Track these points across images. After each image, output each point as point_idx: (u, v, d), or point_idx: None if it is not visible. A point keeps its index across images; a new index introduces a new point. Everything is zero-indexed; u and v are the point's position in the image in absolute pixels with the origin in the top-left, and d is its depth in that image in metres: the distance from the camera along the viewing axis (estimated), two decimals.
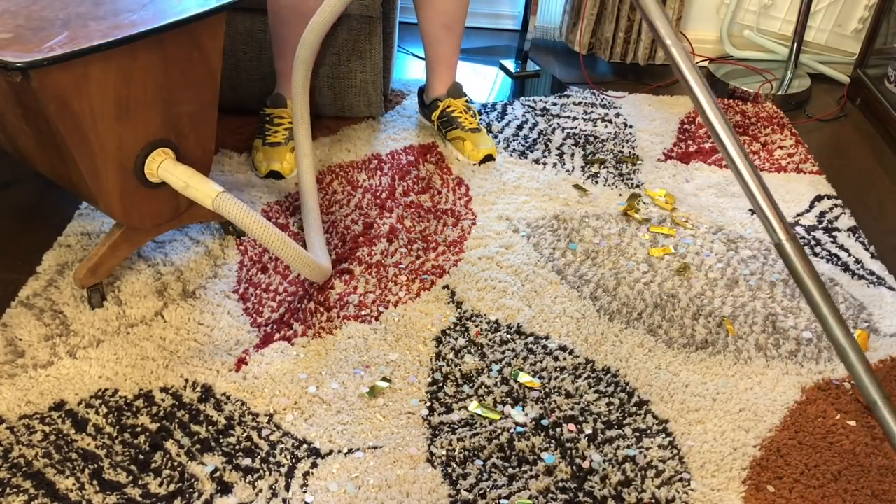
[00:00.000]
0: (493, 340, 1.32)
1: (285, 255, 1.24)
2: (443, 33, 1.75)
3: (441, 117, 1.82)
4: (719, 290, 1.46)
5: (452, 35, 1.76)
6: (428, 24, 1.75)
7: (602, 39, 2.26)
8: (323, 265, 1.33)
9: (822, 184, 1.81)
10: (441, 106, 1.82)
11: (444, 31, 1.75)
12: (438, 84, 1.84)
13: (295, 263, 1.27)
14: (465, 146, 1.78)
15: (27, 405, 1.15)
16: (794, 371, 1.30)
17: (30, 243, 1.46)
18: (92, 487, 1.04)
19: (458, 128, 1.80)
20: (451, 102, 1.81)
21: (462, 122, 1.80)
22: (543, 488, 1.09)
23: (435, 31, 1.75)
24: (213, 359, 1.25)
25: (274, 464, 1.09)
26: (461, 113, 1.81)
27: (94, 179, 1.18)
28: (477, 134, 1.79)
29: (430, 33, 1.76)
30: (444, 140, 1.84)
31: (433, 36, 1.76)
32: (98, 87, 1.09)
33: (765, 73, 2.24)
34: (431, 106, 1.85)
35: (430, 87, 1.86)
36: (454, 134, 1.80)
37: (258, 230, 1.20)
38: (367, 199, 1.64)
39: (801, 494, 1.10)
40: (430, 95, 1.86)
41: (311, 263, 1.29)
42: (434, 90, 1.85)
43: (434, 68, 1.82)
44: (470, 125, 1.80)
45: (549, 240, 1.56)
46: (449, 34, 1.76)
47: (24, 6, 1.13)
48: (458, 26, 1.76)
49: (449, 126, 1.81)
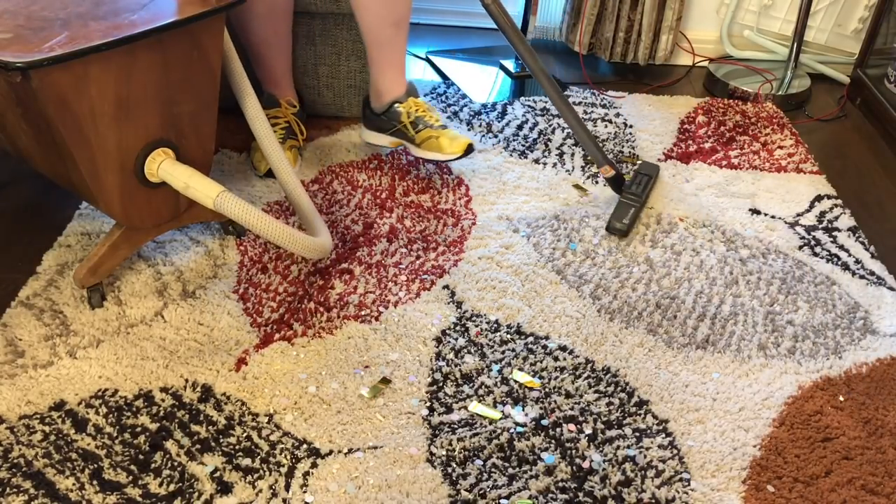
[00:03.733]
0: (493, 340, 1.32)
1: (292, 245, 1.25)
2: (393, 33, 1.60)
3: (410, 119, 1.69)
4: (719, 289, 1.46)
5: (402, 32, 1.61)
6: (373, 21, 1.57)
7: (602, 39, 2.26)
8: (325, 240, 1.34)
9: (822, 184, 1.81)
10: (409, 108, 1.67)
11: (394, 30, 1.59)
12: (394, 86, 1.68)
13: (304, 251, 1.27)
14: (440, 143, 1.65)
15: (27, 405, 1.15)
16: (793, 369, 1.30)
17: (30, 243, 1.46)
18: (92, 487, 1.04)
19: (427, 127, 1.67)
20: (415, 102, 1.68)
21: (429, 121, 1.67)
22: (543, 488, 1.09)
23: (385, 31, 1.59)
24: (213, 359, 1.25)
25: (274, 464, 1.10)
26: (426, 111, 1.69)
27: (94, 179, 1.18)
28: (447, 130, 1.67)
29: (377, 33, 1.59)
30: (413, 144, 1.69)
31: (382, 36, 1.59)
32: (98, 88, 1.09)
33: (765, 73, 2.24)
34: (391, 112, 1.69)
35: (381, 92, 1.69)
36: (425, 134, 1.67)
37: (261, 226, 1.20)
38: (367, 199, 1.64)
39: (800, 494, 1.10)
40: (385, 100, 1.69)
41: (319, 247, 1.31)
42: (389, 93, 1.68)
43: (384, 71, 1.65)
44: (437, 122, 1.68)
45: (549, 240, 1.56)
46: (399, 32, 1.60)
47: (24, 6, 1.13)
48: (406, 22, 1.61)
49: (416, 127, 1.67)
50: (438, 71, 2.21)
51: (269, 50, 1.66)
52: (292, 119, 1.73)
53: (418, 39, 2.40)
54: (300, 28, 1.74)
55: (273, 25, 1.62)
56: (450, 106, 2.01)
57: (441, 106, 2.00)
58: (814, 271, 1.53)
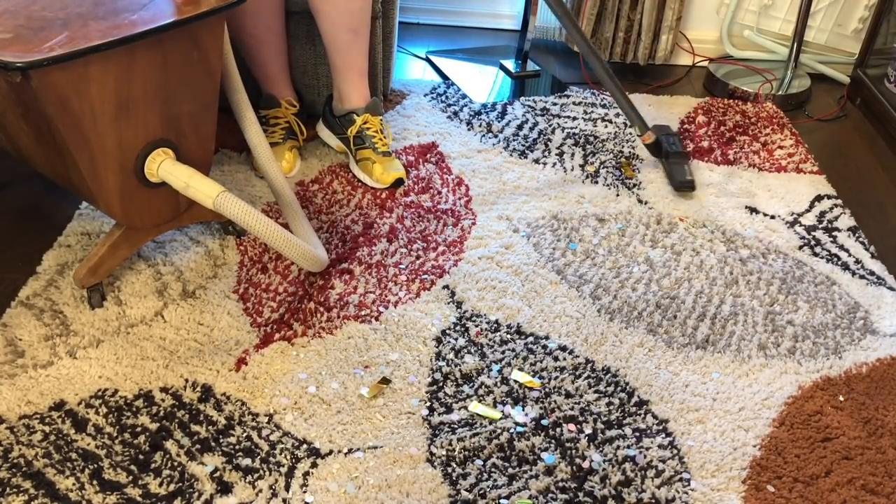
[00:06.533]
0: (493, 340, 1.32)
1: (289, 251, 1.25)
2: (351, 39, 1.60)
3: (356, 133, 1.69)
4: (719, 289, 1.46)
5: (361, 39, 1.61)
6: (331, 28, 1.58)
7: (602, 39, 2.26)
8: (322, 256, 1.35)
9: (822, 184, 1.81)
10: (358, 122, 1.67)
11: (352, 36, 1.59)
12: (354, 94, 1.68)
13: (299, 259, 1.28)
14: (374, 168, 1.65)
15: (27, 405, 1.15)
16: (793, 369, 1.30)
17: (30, 243, 1.46)
18: (92, 487, 1.04)
19: (370, 148, 1.66)
20: (369, 119, 1.68)
21: (375, 143, 1.67)
22: (543, 488, 1.09)
23: (342, 37, 1.59)
24: (213, 359, 1.25)
25: (274, 464, 1.10)
26: (376, 133, 1.68)
27: (94, 179, 1.18)
28: (388, 158, 1.67)
29: (334, 39, 1.60)
30: (353, 158, 1.70)
31: (339, 41, 1.60)
32: (98, 87, 1.09)
33: (765, 73, 2.24)
34: (345, 119, 1.69)
35: (342, 96, 1.69)
36: (364, 154, 1.66)
37: (260, 228, 1.20)
38: (367, 199, 1.64)
39: (800, 494, 1.10)
40: (344, 106, 1.69)
41: (315, 257, 1.31)
42: (349, 101, 1.68)
43: (345, 76, 1.66)
44: (383, 148, 1.67)
45: (549, 240, 1.56)
46: (357, 39, 1.61)
47: (24, 6, 1.13)
48: (366, 29, 1.62)
49: (361, 144, 1.67)
50: (438, 71, 2.21)
51: (263, 47, 1.66)
52: (292, 119, 1.73)
53: (418, 39, 2.40)
54: (300, 28, 1.74)
55: (265, 21, 1.63)
56: (450, 106, 2.01)
57: (441, 106, 2.00)
58: (814, 271, 1.53)
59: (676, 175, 1.72)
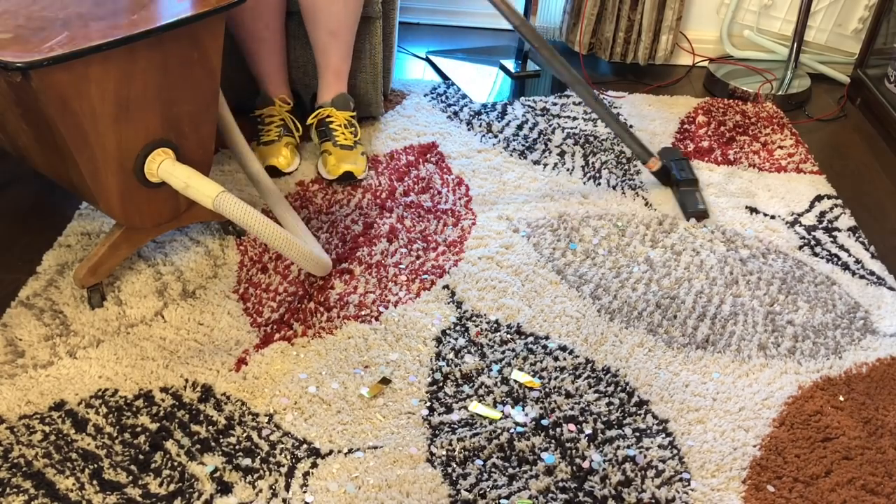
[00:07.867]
0: (493, 340, 1.32)
1: (288, 251, 1.25)
2: (329, 40, 1.64)
3: (319, 126, 1.72)
4: (719, 289, 1.46)
5: (339, 42, 1.65)
6: (314, 30, 1.64)
7: (602, 39, 2.26)
8: (324, 259, 1.35)
9: (822, 184, 1.81)
10: (320, 114, 1.71)
11: (329, 37, 1.64)
12: (326, 92, 1.73)
13: (298, 259, 1.28)
14: (328, 160, 1.66)
15: (27, 405, 1.15)
16: (793, 369, 1.30)
17: (30, 243, 1.46)
18: (92, 487, 1.04)
19: (330, 140, 1.68)
20: (332, 112, 1.70)
21: (336, 137, 1.68)
22: (543, 488, 1.09)
23: (321, 37, 1.64)
24: (213, 359, 1.25)
25: (274, 464, 1.10)
26: (339, 127, 1.69)
27: (94, 179, 1.18)
28: (346, 151, 1.66)
29: (313, 37, 1.66)
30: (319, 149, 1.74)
31: (318, 41, 1.66)
32: (98, 88, 1.09)
33: (765, 73, 2.24)
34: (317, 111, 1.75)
35: (321, 91, 1.74)
36: (325, 146, 1.69)
37: (260, 228, 1.20)
38: (367, 199, 1.64)
39: (800, 494, 1.10)
40: (320, 99, 1.75)
41: (314, 258, 1.31)
42: (322, 96, 1.74)
43: (322, 74, 1.71)
44: (343, 141, 1.68)
45: (549, 240, 1.56)
46: (334, 41, 1.65)
47: (24, 6, 1.13)
48: (345, 33, 1.65)
49: (324, 137, 1.70)
50: (438, 71, 2.21)
51: (261, 45, 1.66)
52: (286, 116, 1.74)
53: (418, 39, 2.40)
54: (300, 28, 1.74)
55: (265, 20, 1.63)
56: (450, 106, 2.01)
57: (441, 106, 2.00)
58: (814, 271, 1.53)
59: (688, 205, 1.66)
